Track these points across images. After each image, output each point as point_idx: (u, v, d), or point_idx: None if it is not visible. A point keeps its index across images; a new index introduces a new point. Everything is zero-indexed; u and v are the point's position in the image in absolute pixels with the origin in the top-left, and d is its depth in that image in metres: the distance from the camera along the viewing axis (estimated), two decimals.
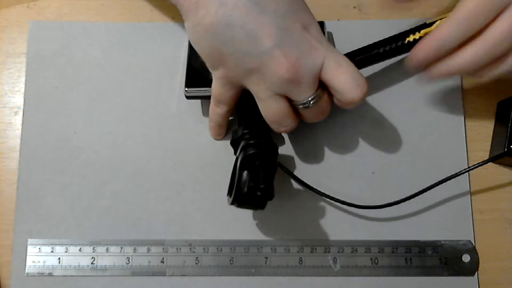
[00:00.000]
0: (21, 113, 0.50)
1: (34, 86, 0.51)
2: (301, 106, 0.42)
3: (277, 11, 0.40)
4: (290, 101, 0.43)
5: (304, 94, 0.41)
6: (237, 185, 0.42)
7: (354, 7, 0.53)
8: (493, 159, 0.48)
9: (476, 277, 0.47)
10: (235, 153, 0.46)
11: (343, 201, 0.47)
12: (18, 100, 0.51)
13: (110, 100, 0.51)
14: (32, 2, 0.53)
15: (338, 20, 0.52)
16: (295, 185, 0.49)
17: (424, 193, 0.47)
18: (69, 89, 0.51)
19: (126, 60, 0.51)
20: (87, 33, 0.52)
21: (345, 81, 0.41)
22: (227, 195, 0.45)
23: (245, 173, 0.42)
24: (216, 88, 0.45)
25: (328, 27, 0.51)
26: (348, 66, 0.41)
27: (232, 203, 0.43)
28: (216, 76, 0.44)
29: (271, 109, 0.43)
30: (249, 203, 0.43)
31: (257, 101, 0.43)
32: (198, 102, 0.50)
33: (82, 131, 0.50)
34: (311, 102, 0.42)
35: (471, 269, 0.47)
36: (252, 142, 0.43)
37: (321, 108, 0.43)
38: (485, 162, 0.47)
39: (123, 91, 0.51)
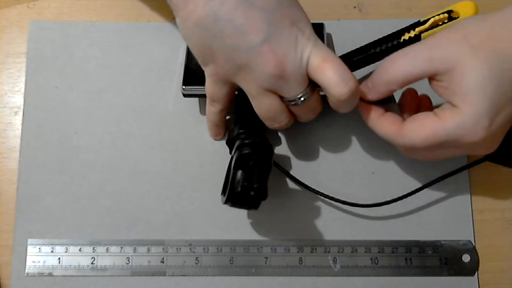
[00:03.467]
0: (21, 113, 0.50)
1: (34, 86, 0.51)
2: (290, 103, 0.42)
3: (266, 6, 0.39)
4: (281, 97, 0.42)
5: (293, 91, 0.41)
6: (231, 184, 0.42)
7: (354, 7, 0.53)
8: (490, 158, 0.48)
9: (476, 277, 0.47)
10: (230, 153, 0.46)
11: (341, 200, 0.47)
12: (18, 100, 0.51)
13: (110, 100, 0.51)
14: (32, 2, 0.53)
15: (338, 20, 0.52)
16: (295, 185, 0.49)
17: (424, 193, 0.47)
18: (69, 89, 0.51)
19: (126, 60, 0.51)
20: (87, 33, 0.52)
21: (331, 76, 0.40)
22: (221, 194, 0.45)
23: (239, 173, 0.42)
24: (209, 86, 0.44)
25: (328, 27, 0.51)
26: (334, 61, 0.40)
27: (226, 202, 0.43)
28: (208, 73, 0.44)
29: (263, 105, 0.43)
30: (242, 203, 0.43)
31: (249, 98, 0.43)
32: (199, 102, 0.50)
33: (82, 131, 0.50)
34: (300, 100, 0.41)
35: (471, 269, 0.47)
36: (247, 141, 0.43)
37: (310, 106, 0.43)
38: (477, 162, 0.47)
39: (123, 91, 0.51)
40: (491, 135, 0.39)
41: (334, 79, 0.40)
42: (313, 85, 0.42)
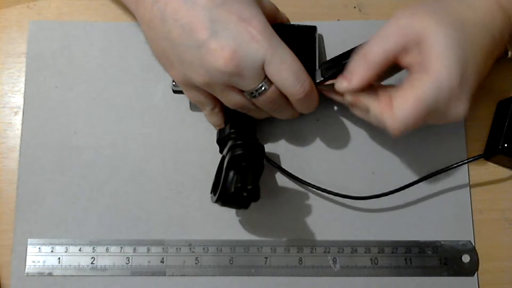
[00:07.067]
0: (21, 113, 0.50)
1: (34, 86, 0.51)
2: (250, 96, 0.42)
3: (209, 4, 0.40)
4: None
5: (248, 86, 0.41)
6: (223, 184, 0.42)
7: (354, 7, 0.53)
8: (486, 155, 0.48)
9: (476, 277, 0.47)
10: (220, 152, 0.46)
11: (340, 193, 0.47)
12: (18, 100, 0.51)
13: (110, 100, 0.51)
14: (32, 2, 0.53)
15: (338, 20, 0.52)
16: (295, 185, 0.49)
17: (424, 193, 0.47)
18: (69, 89, 0.51)
19: (126, 60, 0.51)
20: (87, 33, 0.52)
21: (287, 77, 0.41)
22: (211, 193, 0.45)
23: (231, 173, 0.42)
24: (185, 93, 0.45)
25: (328, 27, 0.51)
26: (291, 62, 0.41)
27: (216, 201, 0.43)
28: (174, 79, 0.45)
29: (229, 101, 0.43)
30: (233, 203, 0.43)
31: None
32: (189, 100, 0.50)
33: (82, 131, 0.50)
34: (257, 92, 0.41)
35: (471, 269, 0.47)
36: (239, 142, 0.43)
37: (269, 99, 0.42)
38: (476, 158, 0.47)
39: (123, 91, 0.51)
40: (462, 91, 0.41)
41: (290, 80, 0.41)
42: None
